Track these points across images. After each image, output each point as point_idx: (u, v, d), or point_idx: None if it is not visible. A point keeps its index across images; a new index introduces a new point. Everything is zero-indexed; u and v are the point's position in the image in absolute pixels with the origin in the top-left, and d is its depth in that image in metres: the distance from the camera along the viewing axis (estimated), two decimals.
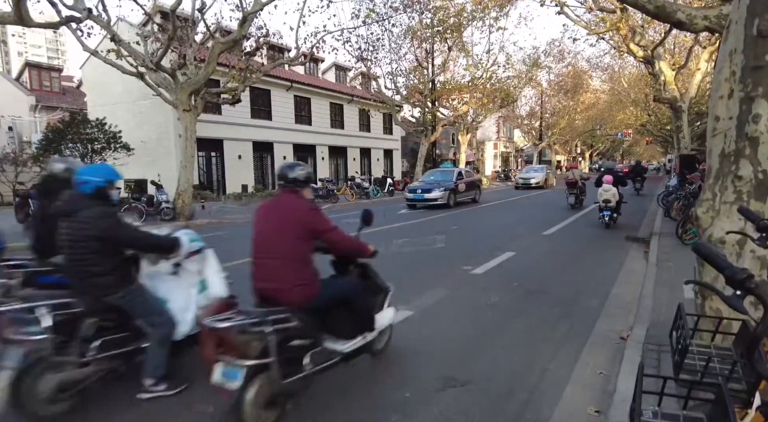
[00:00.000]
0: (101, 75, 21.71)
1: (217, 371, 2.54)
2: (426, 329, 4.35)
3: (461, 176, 17.72)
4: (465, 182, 17.48)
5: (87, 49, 13.26)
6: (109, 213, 3.01)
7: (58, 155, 16.63)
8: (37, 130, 25.48)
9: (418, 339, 4.08)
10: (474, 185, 18.46)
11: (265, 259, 2.88)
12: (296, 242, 2.85)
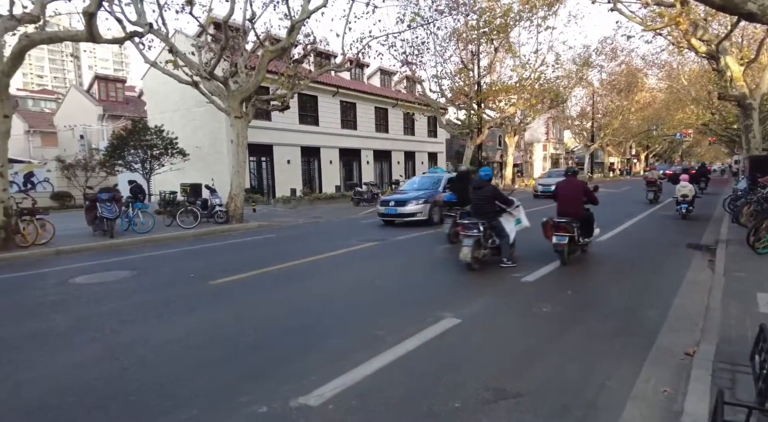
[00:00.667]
0: (160, 85, 22.97)
1: (554, 239, 6.91)
2: (475, 337, 4.26)
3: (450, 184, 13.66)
4: (455, 192, 13.42)
5: (147, 61, 14.06)
6: (493, 187, 7.41)
7: (122, 161, 17.75)
8: (104, 137, 27.28)
9: (467, 348, 4.00)
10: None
11: (567, 201, 7.27)
12: (579, 195, 7.30)
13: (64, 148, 30.05)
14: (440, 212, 11.76)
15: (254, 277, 7.05)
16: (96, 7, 8.83)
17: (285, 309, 5.39)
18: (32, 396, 3.32)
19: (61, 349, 4.23)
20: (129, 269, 7.86)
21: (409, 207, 12.40)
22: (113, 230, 11.12)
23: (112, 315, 5.21)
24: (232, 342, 4.28)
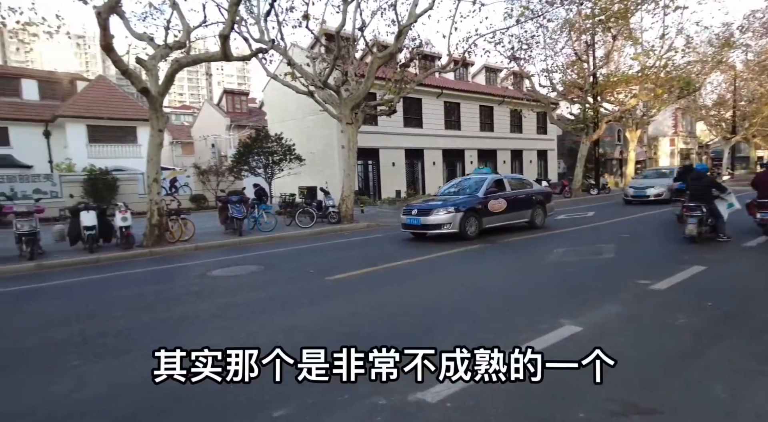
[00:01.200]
0: (278, 96, 24.98)
1: (759, 215, 8.67)
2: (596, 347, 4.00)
3: (498, 188, 11.26)
4: (508, 198, 11.12)
5: (269, 74, 15.40)
6: (710, 178, 9.36)
7: (247, 166, 19.65)
8: (232, 145, 30.45)
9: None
10: (531, 202, 11.77)
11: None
12: None
13: (199, 156, 34.15)
14: (477, 224, 10.47)
15: (365, 274, 7.37)
16: (229, 30, 9.99)
17: (394, 307, 5.56)
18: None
19: (204, 333, 4.83)
20: (256, 264, 8.70)
21: (433, 217, 10.24)
22: (241, 229, 12.37)
23: (245, 305, 5.83)
24: (348, 333, 4.53)
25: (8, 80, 26.12)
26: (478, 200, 10.65)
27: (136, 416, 3.13)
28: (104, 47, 9.22)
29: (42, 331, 5.10)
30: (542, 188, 12.97)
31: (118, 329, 5.04)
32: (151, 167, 10.81)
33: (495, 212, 10.85)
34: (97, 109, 25.69)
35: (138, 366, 3.90)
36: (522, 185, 12.28)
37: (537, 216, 11.86)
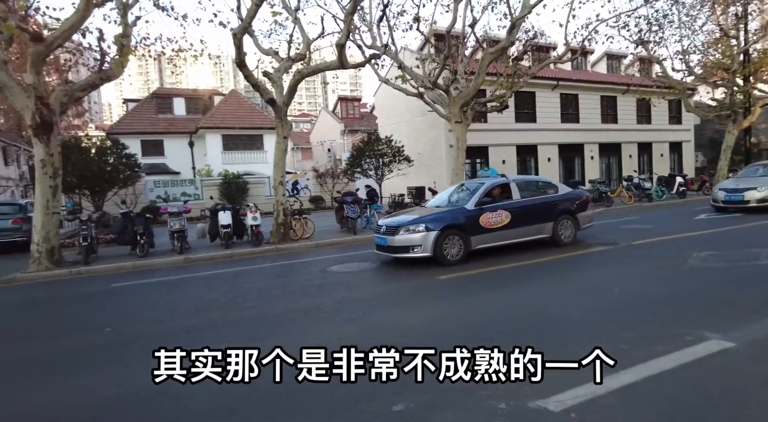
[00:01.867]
0: (388, 99, 25.70)
1: None
2: (758, 367, 3.46)
3: (500, 196, 8.90)
4: (513, 208, 8.59)
5: (381, 79, 15.91)
6: None
7: (360, 169, 20.53)
8: (345, 149, 32.05)
9: (746, 379, 3.28)
10: (552, 212, 9.01)
11: None
12: None
13: (317, 160, 36.51)
14: (461, 244, 8.04)
15: (479, 275, 7.25)
16: (345, 38, 10.56)
17: (514, 308, 5.38)
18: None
19: (326, 324, 5.16)
20: (369, 261, 9.04)
21: (399, 237, 8.04)
22: (355, 228, 12.96)
23: (361, 300, 6.10)
24: (462, 334, 4.50)
25: (164, 99, 30.61)
26: (463, 214, 8.22)
27: (245, 404, 3.44)
28: (238, 64, 10.35)
29: (194, 315, 5.87)
30: (572, 193, 9.69)
31: (251, 316, 5.62)
32: (277, 170, 11.85)
33: (491, 228, 8.31)
34: (230, 120, 28.87)
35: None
36: (540, 190, 9.51)
37: (563, 230, 9.02)
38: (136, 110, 30.55)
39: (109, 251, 11.80)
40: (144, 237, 10.74)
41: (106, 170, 16.27)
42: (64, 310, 6.80)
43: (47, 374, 4.18)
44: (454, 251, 8.00)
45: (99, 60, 10.66)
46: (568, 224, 9.15)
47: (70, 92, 10.01)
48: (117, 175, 16.56)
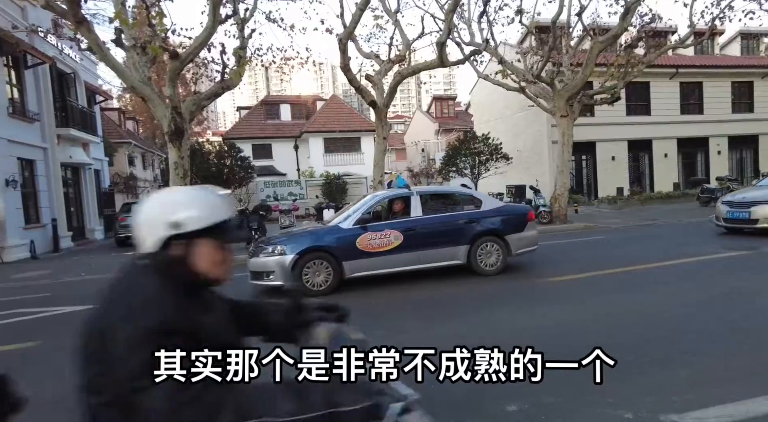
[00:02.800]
0: (485, 96, 25.13)
1: None
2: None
3: (398, 211, 7.34)
4: (406, 228, 6.91)
5: (480, 75, 15.60)
6: None
7: (455, 167, 20.36)
8: (439, 149, 31.98)
9: None
10: (466, 233, 7.14)
11: None
12: None
13: (411, 160, 36.88)
14: (329, 271, 6.57)
15: (591, 278, 6.82)
16: (446, 37, 10.56)
17: (633, 315, 4.98)
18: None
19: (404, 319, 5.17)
20: None
21: (256, 260, 6.72)
22: None
23: (465, 300, 6.05)
24: (581, 339, 4.26)
25: (272, 106, 33.02)
26: (335, 235, 6.76)
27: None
28: (343, 68, 10.84)
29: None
30: (502, 209, 7.72)
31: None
32: (377, 170, 12.20)
33: (374, 251, 6.72)
34: (331, 124, 30.29)
35: None
36: (454, 205, 7.81)
37: (484, 256, 7.18)
38: (247, 116, 33.34)
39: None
40: (258, 233, 11.68)
41: (224, 172, 18.01)
42: None
43: None
44: (319, 279, 6.51)
45: (220, 71, 11.81)
46: (492, 249, 7.17)
47: (198, 101, 11.22)
48: (233, 176, 18.25)
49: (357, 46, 12.68)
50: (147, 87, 9.55)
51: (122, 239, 15.06)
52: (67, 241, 15.99)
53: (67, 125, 16.78)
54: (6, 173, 13.03)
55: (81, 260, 12.39)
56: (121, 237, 15.11)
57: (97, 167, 20.15)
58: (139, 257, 1.27)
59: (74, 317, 6.31)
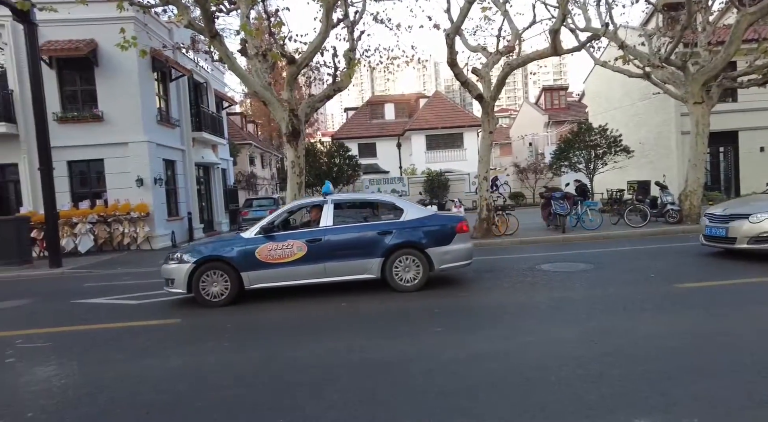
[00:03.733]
0: (601, 84, 23.22)
1: None
2: None
3: (310, 219, 7.41)
4: (312, 239, 6.55)
5: (597, 62, 14.42)
6: None
7: (567, 162, 19.08)
8: (549, 142, 30.25)
9: None
10: (379, 245, 6.59)
11: None
12: None
13: (516, 155, 35.41)
14: (227, 282, 6.42)
15: (731, 287, 5.96)
16: (560, 23, 9.92)
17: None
18: (529, 359, 4.01)
19: (544, 323, 4.93)
20: (584, 262, 8.32)
21: (164, 266, 6.79)
22: (564, 226, 12.10)
23: (582, 302, 5.65)
24: (722, 352, 3.74)
25: (377, 106, 33.98)
26: (235, 244, 6.60)
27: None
28: (450, 63, 10.73)
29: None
30: (427, 219, 6.89)
31: (461, 306, 5.77)
32: (482, 166, 11.89)
33: (275, 263, 6.48)
34: (433, 120, 30.27)
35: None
36: (373, 214, 7.32)
37: (402, 271, 6.67)
38: (353, 117, 34.70)
39: None
40: None
41: (333, 170, 18.96)
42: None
43: (308, 334, 5.05)
44: (215, 289, 6.45)
45: (332, 74, 12.41)
46: (410, 263, 6.67)
47: (312, 104, 11.92)
48: (341, 174, 19.13)
49: (463, 40, 12.47)
50: (267, 92, 10.37)
51: (244, 231, 16.64)
52: (199, 232, 18.07)
53: (201, 129, 18.93)
54: (155, 173, 15.09)
55: None
56: (244, 230, 16.70)
57: (223, 167, 22.45)
58: None
59: None
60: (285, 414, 3.11)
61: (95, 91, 14.57)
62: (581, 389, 3.21)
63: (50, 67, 13.99)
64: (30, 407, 3.50)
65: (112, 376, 4.06)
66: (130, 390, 3.72)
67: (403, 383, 3.52)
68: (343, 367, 3.91)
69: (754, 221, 7.13)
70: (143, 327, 5.64)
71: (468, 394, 3.24)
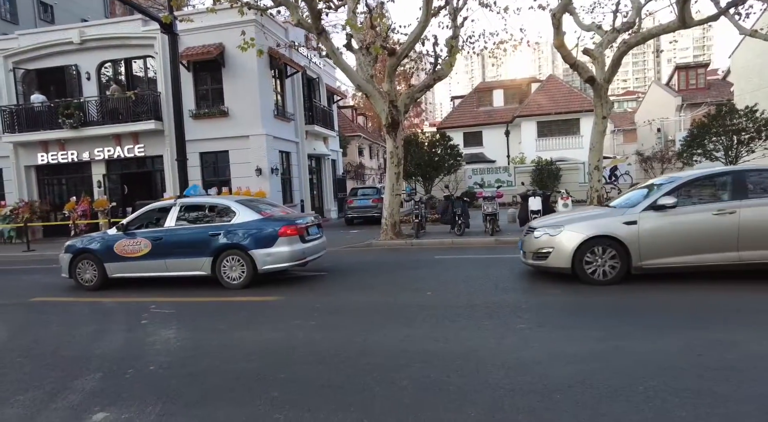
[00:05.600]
0: (751, 59, 19.89)
1: None
2: None
3: (157, 220, 7.92)
4: (155, 238, 7.51)
5: (744, 32, 12.32)
6: None
7: (701, 150, 16.71)
8: (681, 128, 26.72)
9: None
10: (208, 245, 7.28)
11: None
12: None
13: (642, 142, 31.85)
14: (95, 271, 7.90)
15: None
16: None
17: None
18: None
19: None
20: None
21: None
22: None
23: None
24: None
25: (485, 93, 33.00)
26: (101, 239, 7.91)
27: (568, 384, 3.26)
28: (556, 45, 10.02)
29: (495, 292, 6.13)
30: (253, 223, 7.29)
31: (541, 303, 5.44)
32: (593, 154, 10.96)
33: (128, 256, 7.60)
34: (546, 106, 28.49)
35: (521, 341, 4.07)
36: (210, 217, 7.74)
37: (228, 269, 7.25)
38: (460, 105, 34.07)
39: (434, 229, 13.69)
40: (461, 218, 11.94)
41: (434, 160, 18.92)
42: (400, 273, 8.29)
43: (386, 321, 5.21)
44: (87, 276, 7.84)
45: (433, 63, 12.34)
46: (235, 263, 7.22)
47: (411, 94, 12.02)
48: (443, 164, 19.01)
49: (576, 19, 11.51)
50: (369, 84, 10.70)
51: (350, 218, 17.48)
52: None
53: (313, 123, 20.17)
54: (272, 163, 16.49)
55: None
56: (350, 217, 17.55)
57: (333, 158, 23.69)
58: None
59: (315, 280, 7.65)
60: (355, 394, 3.28)
61: (222, 89, 16.31)
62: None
63: (187, 70, 15.96)
64: (152, 361, 4.16)
65: (215, 343, 4.62)
66: (228, 356, 4.21)
67: (473, 373, 3.47)
68: (417, 354, 3.97)
69: (536, 235, 6.61)
70: (246, 302, 6.30)
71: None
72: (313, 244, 7.71)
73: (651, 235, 5.87)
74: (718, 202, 5.92)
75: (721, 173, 6.19)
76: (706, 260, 5.80)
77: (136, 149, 16.89)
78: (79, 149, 17.24)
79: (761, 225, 5.63)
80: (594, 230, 6.11)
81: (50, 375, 3.97)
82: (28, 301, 7.20)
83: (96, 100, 16.93)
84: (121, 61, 17.34)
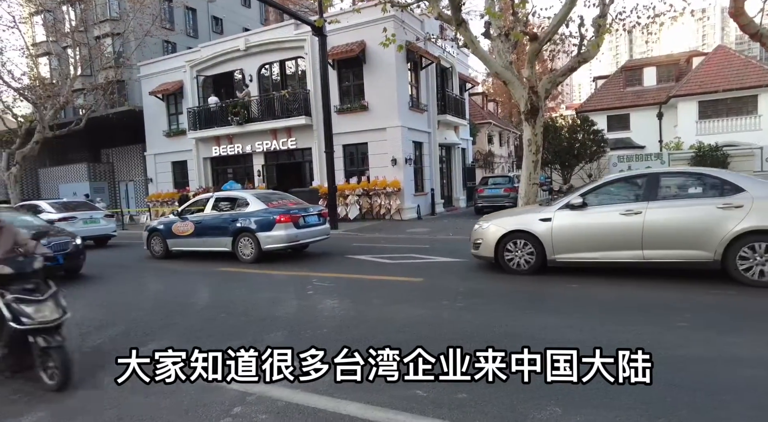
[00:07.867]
0: None
1: None
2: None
3: (198, 209, 10.36)
4: (198, 221, 9.90)
5: None
6: None
7: None
8: None
9: None
10: (230, 229, 9.51)
11: None
12: None
13: None
14: (161, 245, 10.59)
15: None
16: None
17: None
18: None
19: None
20: None
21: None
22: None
23: None
24: None
25: (633, 72, 29.72)
26: (166, 222, 10.47)
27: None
28: (733, 14, 8.72)
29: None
30: (258, 212, 9.19)
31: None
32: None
33: (180, 235, 9.97)
34: (712, 82, 24.67)
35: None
36: (233, 207, 9.71)
37: (242, 248, 9.22)
38: (604, 86, 31.18)
39: None
40: None
41: (575, 147, 17.77)
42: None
43: (527, 308, 5.28)
44: (156, 248, 10.38)
45: (578, 45, 11.62)
46: (247, 243, 9.15)
47: (553, 79, 11.49)
48: (584, 150, 17.79)
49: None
50: (508, 71, 10.54)
51: (480, 207, 17.35)
52: (440, 207, 19.74)
53: (445, 112, 20.38)
54: (406, 153, 17.18)
55: (450, 223, 15.14)
56: (479, 206, 17.43)
57: (463, 146, 23.66)
58: None
59: (447, 265, 8.00)
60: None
61: (362, 85, 17.40)
62: None
63: (332, 68, 17.35)
64: (323, 325, 4.88)
65: (372, 315, 5.21)
66: (383, 325, 4.75)
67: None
68: (555, 343, 4.02)
69: (475, 227, 7.29)
70: (396, 282, 6.86)
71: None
72: (308, 230, 9.35)
73: (563, 231, 6.30)
74: (628, 203, 6.09)
75: (638, 175, 6.40)
76: (614, 257, 6.07)
77: (289, 142, 18.95)
78: (243, 142, 19.95)
79: (664, 225, 5.75)
80: (514, 225, 6.70)
81: (249, 328, 4.91)
82: (216, 270, 8.75)
83: (257, 100, 19.36)
84: (276, 63, 19.51)
